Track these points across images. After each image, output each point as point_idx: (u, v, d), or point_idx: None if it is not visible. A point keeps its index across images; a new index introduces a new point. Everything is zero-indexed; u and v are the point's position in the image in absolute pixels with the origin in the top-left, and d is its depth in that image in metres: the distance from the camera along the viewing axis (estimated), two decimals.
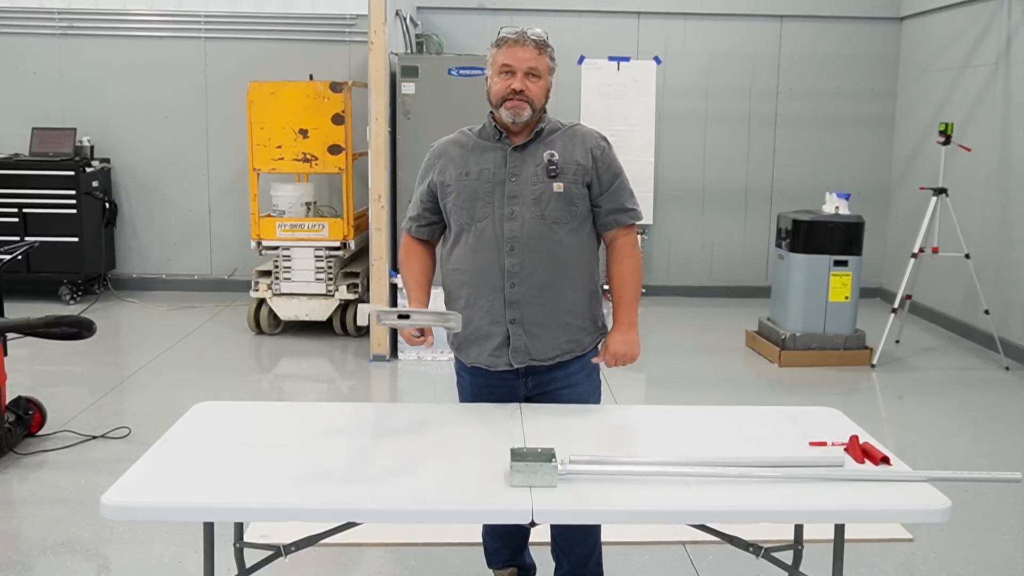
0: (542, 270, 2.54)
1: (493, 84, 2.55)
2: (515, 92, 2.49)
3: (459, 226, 2.59)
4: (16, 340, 4.62)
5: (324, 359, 6.05)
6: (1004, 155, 6.26)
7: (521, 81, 2.50)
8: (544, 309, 2.56)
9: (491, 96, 2.56)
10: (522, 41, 2.50)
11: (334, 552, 3.27)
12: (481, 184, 2.55)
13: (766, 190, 7.96)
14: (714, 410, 2.65)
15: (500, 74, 2.52)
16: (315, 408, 2.81)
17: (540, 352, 2.59)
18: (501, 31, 2.56)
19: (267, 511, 2.04)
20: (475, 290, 2.58)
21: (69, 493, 3.78)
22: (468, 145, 2.62)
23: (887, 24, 7.80)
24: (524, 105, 2.50)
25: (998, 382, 5.64)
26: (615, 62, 6.39)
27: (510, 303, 2.55)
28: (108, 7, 7.55)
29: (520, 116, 2.51)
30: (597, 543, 2.80)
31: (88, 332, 3.97)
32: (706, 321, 7.19)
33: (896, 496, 2.03)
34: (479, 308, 2.59)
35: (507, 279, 2.54)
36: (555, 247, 2.54)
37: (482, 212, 2.55)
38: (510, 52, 2.51)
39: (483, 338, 2.61)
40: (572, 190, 2.54)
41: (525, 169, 2.55)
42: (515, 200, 2.53)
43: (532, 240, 2.52)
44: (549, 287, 2.56)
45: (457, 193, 2.58)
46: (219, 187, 7.79)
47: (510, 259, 2.53)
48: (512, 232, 2.52)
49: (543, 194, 2.53)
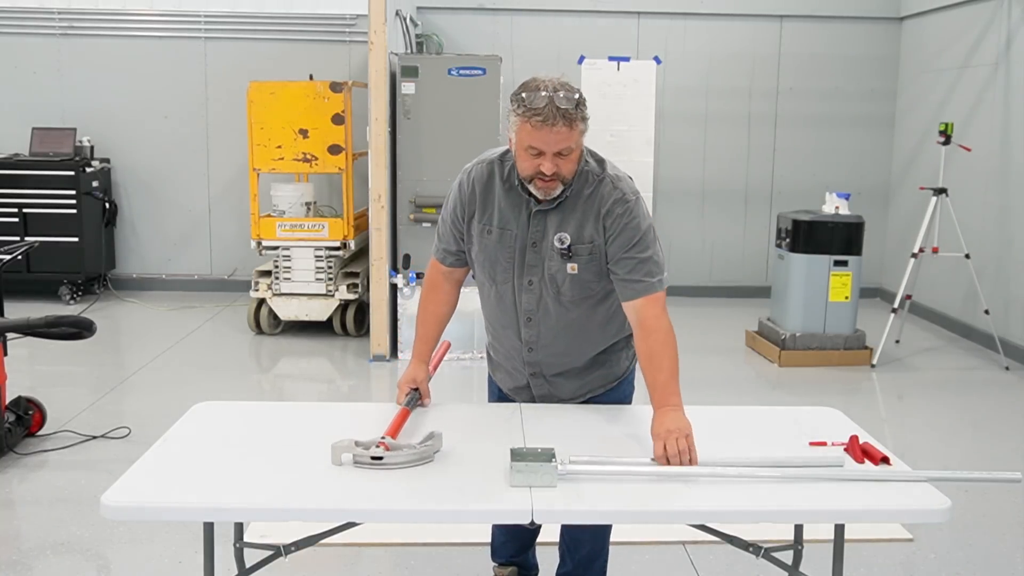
0: (560, 341, 2.48)
1: (519, 159, 2.28)
2: (544, 175, 2.24)
3: (483, 277, 2.50)
4: (16, 340, 4.62)
5: (324, 359, 6.04)
6: (1004, 155, 6.26)
7: (552, 163, 2.21)
8: (567, 366, 2.53)
9: (518, 168, 2.31)
10: (550, 121, 2.15)
11: (334, 552, 3.27)
12: (502, 250, 2.41)
13: (766, 190, 7.96)
14: (714, 410, 2.64)
15: (526, 152, 2.23)
16: (315, 408, 2.81)
17: (566, 394, 2.58)
18: (524, 94, 2.19)
19: (267, 511, 2.04)
20: (497, 335, 2.58)
21: (69, 493, 3.78)
22: (495, 190, 2.41)
23: (887, 24, 7.80)
24: (555, 184, 2.27)
25: (998, 382, 5.64)
26: (615, 62, 6.37)
27: (528, 362, 2.53)
28: (108, 7, 7.55)
29: (551, 194, 2.30)
30: (605, 546, 2.79)
31: (88, 332, 3.97)
32: (706, 321, 7.18)
33: (896, 496, 2.03)
34: (502, 349, 2.59)
35: (525, 344, 2.50)
36: (572, 322, 2.45)
37: (502, 276, 2.44)
38: (537, 135, 2.18)
39: (508, 372, 2.62)
40: (586, 272, 2.37)
41: (547, 237, 2.38)
42: (534, 270, 2.40)
43: (548, 316, 2.44)
44: (569, 352, 2.51)
45: (479, 249, 2.45)
46: (219, 187, 7.79)
47: (527, 329, 2.48)
48: (529, 304, 2.44)
49: (558, 272, 2.38)
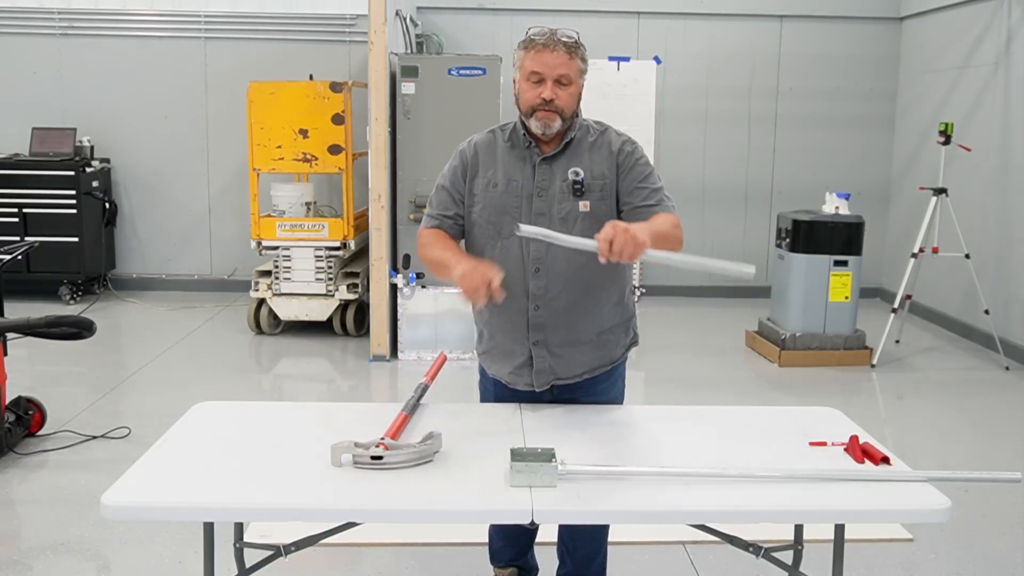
0: (567, 293, 2.45)
1: (522, 92, 2.42)
2: (545, 102, 2.37)
3: (485, 238, 2.49)
4: (16, 340, 4.62)
5: (324, 359, 6.04)
6: (1004, 155, 6.26)
7: (551, 90, 2.36)
8: (569, 331, 2.48)
9: (520, 104, 2.45)
10: (551, 45, 2.36)
11: (334, 552, 3.26)
12: (509, 198, 2.45)
13: (766, 190, 7.96)
14: (714, 410, 2.64)
15: (528, 81, 2.39)
16: (315, 408, 2.80)
17: (565, 371, 2.53)
18: (529, 31, 2.42)
19: (267, 511, 2.04)
20: (498, 307, 2.45)
21: (69, 493, 3.78)
22: (497, 149, 2.51)
23: (887, 24, 7.80)
24: (554, 116, 2.39)
25: (998, 382, 5.64)
26: (615, 62, 6.37)
27: (534, 325, 2.48)
28: (108, 7, 7.55)
29: (551, 127, 2.41)
30: (603, 546, 2.79)
31: (88, 332, 3.97)
32: (706, 321, 7.19)
33: (896, 496, 2.03)
34: (502, 326, 2.52)
35: (531, 301, 2.46)
36: (582, 270, 2.42)
37: (508, 228, 2.42)
38: (539, 58, 2.37)
39: (506, 355, 2.55)
40: (599, 208, 2.42)
41: (553, 183, 2.45)
42: (542, 218, 2.41)
43: (558, 262, 2.42)
44: (575, 309, 2.47)
45: (484, 205, 2.48)
46: (219, 187, 7.79)
47: (535, 281, 2.44)
48: (538, 253, 2.42)
49: (569, 213, 2.42)
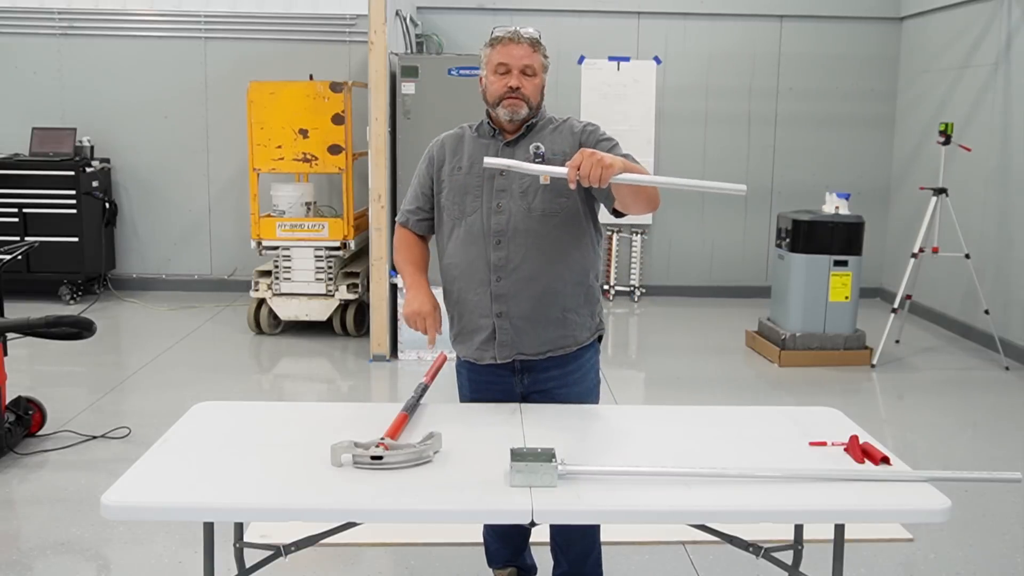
0: (528, 264, 2.54)
1: (489, 84, 2.57)
2: (512, 90, 2.52)
3: (451, 221, 2.61)
4: (16, 340, 4.62)
5: (324, 359, 6.05)
6: (1004, 155, 6.26)
7: (517, 79, 2.52)
8: (531, 303, 2.55)
9: (487, 96, 2.59)
10: (516, 40, 2.53)
11: (334, 552, 3.27)
12: (471, 179, 2.58)
13: (766, 190, 7.96)
14: (714, 410, 2.64)
15: (495, 73, 2.55)
16: (315, 408, 2.81)
17: (528, 346, 2.58)
18: (494, 31, 2.58)
19: (267, 511, 2.04)
20: (465, 284, 2.60)
21: (69, 493, 3.78)
22: (464, 140, 2.66)
23: (887, 24, 7.80)
24: (521, 103, 2.53)
25: (998, 382, 5.64)
26: (615, 62, 6.39)
27: (496, 297, 2.56)
28: (108, 7, 7.55)
29: (518, 113, 2.54)
30: (596, 542, 2.80)
31: (88, 332, 3.98)
32: (706, 321, 7.19)
33: (896, 496, 2.03)
34: (468, 302, 2.61)
35: (493, 272, 2.55)
36: (542, 240, 2.53)
37: (471, 206, 2.57)
38: (505, 51, 2.53)
39: (472, 332, 2.63)
40: (560, 181, 2.41)
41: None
42: (503, 194, 2.55)
43: (518, 234, 2.53)
44: (536, 281, 2.55)
45: (449, 188, 2.62)
46: (219, 187, 7.79)
47: (496, 252, 2.54)
48: (499, 225, 2.54)
49: (530, 187, 2.53)
